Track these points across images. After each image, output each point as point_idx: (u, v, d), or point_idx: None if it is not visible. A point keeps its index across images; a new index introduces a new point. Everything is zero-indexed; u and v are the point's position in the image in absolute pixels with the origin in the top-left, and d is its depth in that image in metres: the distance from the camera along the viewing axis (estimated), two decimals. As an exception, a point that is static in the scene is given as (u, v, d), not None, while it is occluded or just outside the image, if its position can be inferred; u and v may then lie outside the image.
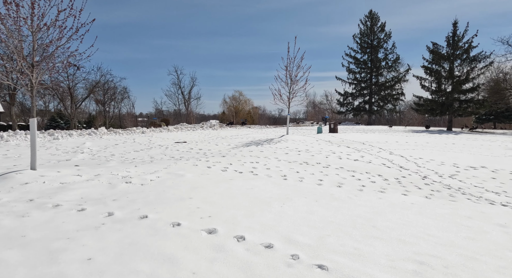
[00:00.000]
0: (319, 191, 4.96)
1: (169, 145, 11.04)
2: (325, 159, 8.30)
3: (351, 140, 13.17)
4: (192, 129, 19.72)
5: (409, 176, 6.70)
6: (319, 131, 17.04)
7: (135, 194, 4.05)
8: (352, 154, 9.29)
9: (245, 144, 11.38)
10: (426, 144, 12.57)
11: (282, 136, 13.33)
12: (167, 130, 18.16)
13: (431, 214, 3.93)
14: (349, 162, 8.05)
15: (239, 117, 59.89)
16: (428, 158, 9.01)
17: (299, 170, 6.58)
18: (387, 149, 10.53)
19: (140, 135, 15.42)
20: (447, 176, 6.88)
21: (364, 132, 19.55)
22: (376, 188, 5.40)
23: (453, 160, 8.89)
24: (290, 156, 8.45)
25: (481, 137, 17.78)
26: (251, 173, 6.06)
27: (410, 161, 8.54)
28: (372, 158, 8.74)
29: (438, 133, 21.57)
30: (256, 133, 18.32)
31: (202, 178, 5.29)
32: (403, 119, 56.16)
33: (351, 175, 6.47)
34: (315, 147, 10.41)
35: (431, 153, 10.12)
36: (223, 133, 17.58)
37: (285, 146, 10.36)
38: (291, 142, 11.62)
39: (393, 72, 40.38)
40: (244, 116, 60.63)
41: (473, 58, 25.46)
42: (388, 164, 8.02)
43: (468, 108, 25.89)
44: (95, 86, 22.51)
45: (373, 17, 40.52)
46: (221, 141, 12.52)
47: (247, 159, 7.61)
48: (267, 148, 10.01)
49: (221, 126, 29.80)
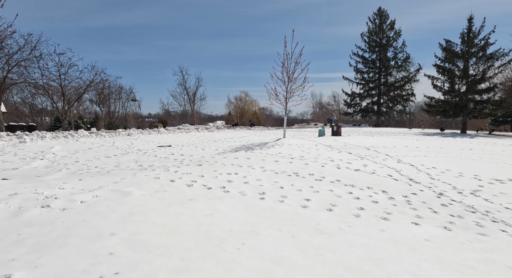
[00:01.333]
0: (301, 217, 3.77)
1: (149, 150, 9.98)
2: (320, 169, 7.07)
3: (354, 145, 11.88)
4: (186, 131, 18.68)
5: (421, 192, 5.43)
6: (321, 134, 15.76)
7: (36, 228, 2.93)
8: (354, 163, 8.03)
9: (235, 148, 10.23)
10: (439, 150, 11.18)
11: (278, 140, 12.13)
12: (158, 132, 17.14)
13: (455, 263, 2.70)
14: (348, 172, 6.81)
15: (245, 118, 58.91)
16: (443, 168, 7.68)
17: (284, 185, 5.39)
18: (395, 156, 9.22)
19: (125, 137, 14.39)
20: (468, 193, 5.59)
21: (370, 135, 18.16)
22: (379, 212, 4.17)
23: (473, 170, 7.55)
24: (279, 165, 7.26)
25: (500, 141, 16.19)
26: (222, 189, 4.90)
27: (421, 172, 7.24)
28: (377, 168, 7.47)
29: (451, 136, 19.98)
30: (254, 136, 17.16)
31: (153, 197, 4.15)
32: (413, 121, 54.14)
33: (348, 191, 5.24)
34: (312, 154, 9.18)
35: (446, 161, 8.77)
36: (218, 136, 16.48)
37: (278, 152, 9.17)
38: (286, 147, 10.42)
39: (403, 71, 38.64)
40: (250, 117, 59.60)
41: (490, 56, 23.69)
42: (395, 175, 6.74)
43: (484, 109, 24.12)
44: (89, 85, 21.68)
45: (382, 14, 38.89)
46: (210, 145, 11.41)
47: (226, 169, 6.45)
48: (257, 154, 8.84)
49: (226, 127, 28.79)
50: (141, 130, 17.11)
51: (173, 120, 63.54)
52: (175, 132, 18.12)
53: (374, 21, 39.31)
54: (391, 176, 6.67)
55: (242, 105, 65.28)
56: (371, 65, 39.43)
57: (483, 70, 23.80)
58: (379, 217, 4.00)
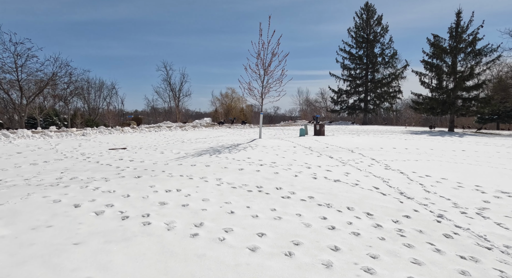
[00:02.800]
0: (241, 274, 2.40)
1: (95, 154, 8.42)
2: (292, 179, 5.74)
3: (338, 146, 10.63)
4: (155, 131, 16.97)
5: (416, 214, 4.18)
6: (302, 133, 14.45)
7: None
8: (334, 170, 6.75)
9: (199, 152, 8.79)
10: (430, 152, 10.07)
11: (253, 141, 10.76)
12: (121, 131, 15.37)
13: None
14: (326, 184, 5.51)
15: (232, 115, 57.24)
16: (438, 176, 6.50)
17: (237, 208, 4.02)
18: (382, 161, 8.01)
19: (77, 138, 12.59)
20: (474, 212, 4.39)
21: (356, 134, 17.04)
22: (360, 256, 2.86)
23: (473, 178, 6.40)
24: (242, 175, 5.88)
25: (491, 140, 15.36)
26: (142, 219, 3.48)
27: (413, 182, 6.02)
28: (361, 177, 6.21)
29: (440, 135, 19.14)
30: (232, 135, 15.74)
31: (12, 244, 2.70)
32: (399, 119, 53.87)
33: (322, 215, 3.93)
34: (287, 158, 7.85)
35: (440, 166, 7.62)
36: (190, 135, 14.95)
37: (247, 157, 7.79)
38: (259, 149, 9.06)
39: (390, 68, 37.86)
40: (237, 114, 57.94)
41: (478, 51, 22.99)
42: (383, 187, 5.49)
43: (472, 106, 23.48)
44: (51, 78, 19.57)
45: (369, 9, 37.95)
46: (174, 147, 9.92)
47: (168, 184, 5.03)
48: (221, 159, 7.44)
49: (210, 125, 27.20)
50: (103, 128, 15.36)
51: (158, 117, 61.36)
52: (142, 131, 16.42)
53: (361, 16, 38.35)
54: (378, 188, 5.41)
55: (228, 102, 63.61)
56: (358, 62, 38.51)
57: (471, 66, 23.12)
58: (360, 267, 2.67)
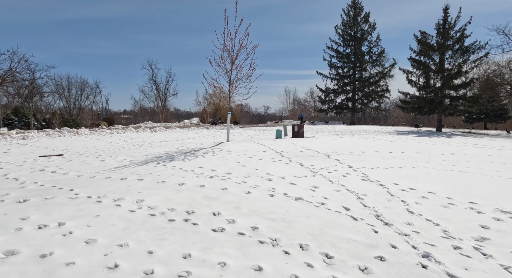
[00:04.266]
0: None
1: (14, 162, 6.98)
2: (240, 198, 4.48)
3: (314, 150, 9.43)
4: (118, 132, 15.36)
5: (393, 252, 2.98)
6: (278, 135, 13.23)
7: None
8: (300, 183, 5.52)
9: (148, 159, 7.44)
10: (417, 156, 8.99)
11: (218, 145, 9.47)
12: (76, 134, 13.78)
13: None
14: (283, 204, 4.27)
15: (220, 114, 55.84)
16: (425, 189, 5.35)
17: (128, 257, 2.73)
18: (360, 169, 6.83)
19: (13, 142, 10.90)
20: (471, 245, 3.24)
21: (339, 135, 15.93)
22: None
23: (465, 191, 5.27)
24: (176, 194, 4.59)
25: (480, 141, 14.48)
26: None
27: (394, 197, 4.85)
28: (330, 193, 4.99)
29: (427, 135, 18.24)
30: (204, 137, 14.40)
31: None
32: (388, 118, 53.41)
33: (256, 264, 2.67)
34: (248, 167, 6.58)
35: (427, 174, 6.49)
36: (156, 138, 13.53)
37: (199, 166, 6.49)
38: (221, 155, 7.78)
39: (378, 66, 37.12)
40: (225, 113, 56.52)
41: (466, 49, 22.27)
42: (355, 207, 4.28)
43: (459, 105, 22.76)
44: (6, 74, 17.76)
45: (357, 6, 37.08)
46: (124, 153, 8.54)
47: (57, 213, 3.71)
48: (167, 169, 6.12)
49: (195, 126, 25.72)
50: (53, 131, 13.76)
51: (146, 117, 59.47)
52: (103, 133, 14.82)
53: (348, 13, 37.46)
54: (349, 210, 4.20)
55: (217, 101, 62.27)
56: (345, 60, 37.63)
57: (459, 64, 22.40)
58: None
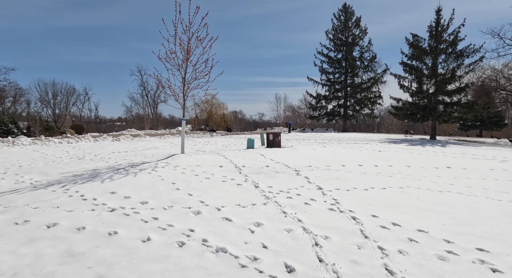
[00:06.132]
0: None
1: None
2: (119, 258, 2.86)
3: (284, 164, 7.85)
4: (68, 142, 13.57)
5: None
6: (250, 145, 11.62)
7: None
8: (239, 217, 3.90)
9: (58, 180, 5.80)
10: (406, 172, 7.45)
11: (169, 157, 7.85)
12: (10, 143, 12.13)
13: None
14: (186, 267, 2.65)
15: (212, 121, 54.32)
16: (413, 225, 3.76)
17: None
18: (333, 191, 5.24)
19: None
20: None
21: (323, 145, 14.39)
22: None
23: (469, 227, 3.70)
24: (23, 248, 2.97)
25: (478, 151, 13.04)
26: None
27: (369, 242, 3.26)
28: (276, 234, 3.38)
29: (420, 144, 16.79)
30: (168, 148, 12.77)
31: None
32: (382, 125, 52.24)
33: None
34: (182, 190, 4.96)
35: (418, 200, 4.93)
36: (111, 148, 11.86)
37: (111, 191, 4.87)
38: (160, 172, 6.15)
39: (370, 72, 35.98)
40: (217, 120, 55.01)
41: (460, 52, 21.12)
42: (305, 267, 2.66)
43: (454, 112, 21.46)
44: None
45: (347, 11, 36.15)
46: (36, 170, 6.90)
47: None
48: (59, 198, 4.49)
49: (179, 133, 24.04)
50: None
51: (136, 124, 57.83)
52: (50, 142, 13.04)
53: (339, 17, 36.48)
54: (292, 271, 2.60)
55: (209, 108, 60.96)
56: (336, 65, 36.47)
57: (452, 68, 21.19)
58: None
